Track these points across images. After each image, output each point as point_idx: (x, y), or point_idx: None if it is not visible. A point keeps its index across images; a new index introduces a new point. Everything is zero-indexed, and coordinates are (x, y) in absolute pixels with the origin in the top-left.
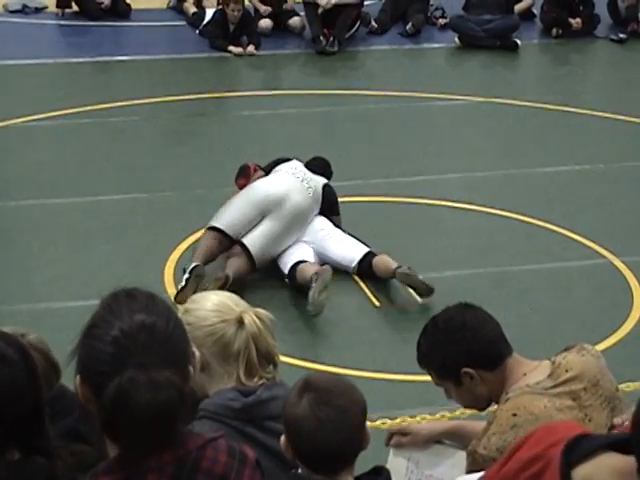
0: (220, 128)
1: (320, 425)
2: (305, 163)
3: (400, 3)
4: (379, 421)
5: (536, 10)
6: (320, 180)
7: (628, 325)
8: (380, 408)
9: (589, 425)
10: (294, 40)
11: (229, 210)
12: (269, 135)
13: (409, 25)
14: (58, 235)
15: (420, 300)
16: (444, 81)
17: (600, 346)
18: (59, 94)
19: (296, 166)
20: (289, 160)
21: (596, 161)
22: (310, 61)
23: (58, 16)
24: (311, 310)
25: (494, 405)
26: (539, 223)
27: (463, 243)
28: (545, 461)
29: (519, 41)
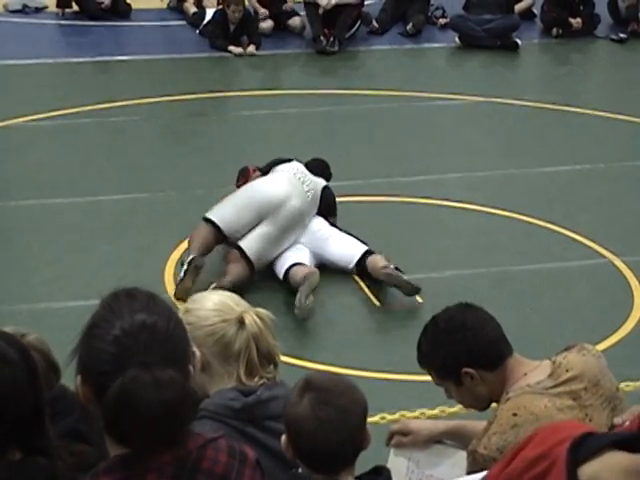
0: (220, 128)
1: (321, 425)
2: (304, 164)
3: (400, 3)
4: (378, 416)
5: (536, 10)
6: (320, 182)
7: (628, 325)
8: (381, 408)
9: (589, 425)
10: (294, 40)
11: (228, 207)
12: (269, 135)
13: (409, 25)
14: (58, 235)
15: (420, 301)
16: (444, 81)
17: (600, 346)
18: (59, 94)
19: (297, 167)
20: (289, 161)
21: (596, 161)
22: (310, 61)
23: (58, 16)
24: (298, 314)
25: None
26: (539, 223)
27: (463, 243)
28: (551, 460)
29: (519, 41)
